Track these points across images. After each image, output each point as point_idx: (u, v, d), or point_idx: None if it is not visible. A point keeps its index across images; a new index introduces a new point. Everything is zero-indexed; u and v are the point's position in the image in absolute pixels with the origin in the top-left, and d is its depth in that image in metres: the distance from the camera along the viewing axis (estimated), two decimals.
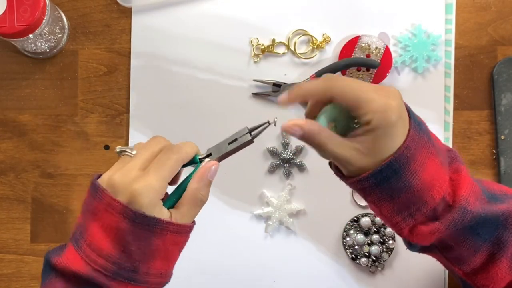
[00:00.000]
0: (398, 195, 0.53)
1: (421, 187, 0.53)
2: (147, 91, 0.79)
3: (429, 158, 0.53)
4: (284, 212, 0.78)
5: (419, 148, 0.53)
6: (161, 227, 0.52)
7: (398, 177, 0.52)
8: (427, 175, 0.53)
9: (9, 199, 0.80)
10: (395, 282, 0.79)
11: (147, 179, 0.52)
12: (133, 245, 0.52)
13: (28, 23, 0.69)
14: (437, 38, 0.78)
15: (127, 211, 0.51)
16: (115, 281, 0.52)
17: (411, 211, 0.54)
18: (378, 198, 0.54)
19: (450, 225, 0.54)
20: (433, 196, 0.53)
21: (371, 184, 0.53)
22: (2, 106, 0.80)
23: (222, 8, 0.79)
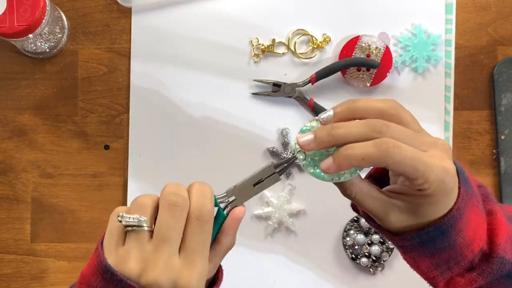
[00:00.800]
0: (440, 253, 0.50)
1: (464, 244, 0.50)
2: (147, 91, 0.79)
3: (473, 211, 0.50)
4: (284, 212, 0.78)
5: (467, 205, 0.50)
6: None
7: (444, 237, 0.49)
8: (471, 232, 0.50)
9: (9, 199, 0.80)
10: (395, 282, 0.79)
11: (196, 269, 0.45)
12: None
13: (28, 23, 0.69)
14: (437, 38, 0.78)
15: None
16: None
17: (450, 265, 0.51)
18: (418, 255, 0.51)
19: (488, 276, 0.52)
20: (473, 250, 0.50)
21: (414, 244, 0.50)
22: (2, 106, 0.80)
23: (222, 8, 0.79)
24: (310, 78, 0.77)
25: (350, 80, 0.78)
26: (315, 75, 0.77)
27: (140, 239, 0.45)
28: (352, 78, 0.78)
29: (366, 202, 0.49)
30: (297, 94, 0.77)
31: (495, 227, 0.52)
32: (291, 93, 0.78)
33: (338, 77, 0.78)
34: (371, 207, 0.49)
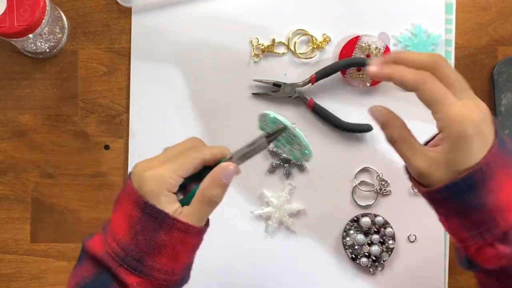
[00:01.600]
0: (470, 212, 0.52)
1: (496, 208, 0.51)
2: (147, 91, 0.79)
3: (508, 180, 0.51)
4: (284, 212, 0.78)
5: (500, 167, 0.51)
6: (169, 223, 0.53)
7: (473, 193, 0.51)
8: (504, 196, 0.51)
9: (9, 199, 0.80)
10: (395, 282, 0.79)
11: (157, 169, 0.53)
12: (140, 235, 0.53)
13: (28, 23, 0.69)
14: (437, 38, 0.78)
15: (139, 200, 0.53)
16: (122, 267, 0.53)
17: (481, 231, 0.52)
18: (449, 211, 0.53)
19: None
20: (507, 219, 0.51)
21: (444, 197, 0.52)
22: (2, 106, 0.80)
23: (222, 8, 0.79)
24: (310, 78, 0.77)
25: (350, 80, 0.78)
26: (315, 75, 0.77)
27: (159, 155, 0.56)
28: (352, 78, 0.78)
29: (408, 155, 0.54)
30: (297, 94, 0.77)
31: None
32: (291, 93, 0.77)
33: (338, 77, 0.78)
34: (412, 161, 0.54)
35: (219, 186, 0.55)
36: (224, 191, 0.55)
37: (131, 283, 0.53)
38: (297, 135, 0.57)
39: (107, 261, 0.53)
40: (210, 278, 0.79)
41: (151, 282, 0.54)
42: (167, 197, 0.53)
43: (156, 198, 0.53)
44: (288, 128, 0.56)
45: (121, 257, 0.53)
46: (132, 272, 0.53)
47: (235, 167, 0.55)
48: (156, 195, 0.53)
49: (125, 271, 0.53)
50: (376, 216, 0.78)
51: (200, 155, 0.55)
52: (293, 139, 0.58)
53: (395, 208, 0.79)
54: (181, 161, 0.54)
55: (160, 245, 0.53)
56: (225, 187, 0.55)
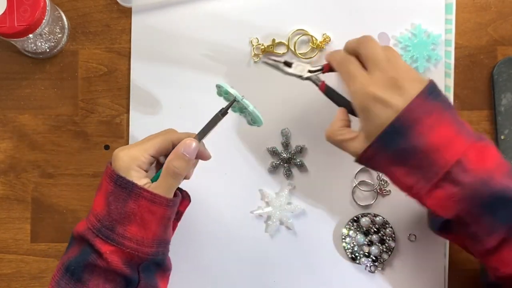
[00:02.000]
0: (406, 157, 0.57)
1: (431, 148, 0.56)
2: (147, 91, 0.79)
3: (441, 123, 0.57)
4: (284, 212, 0.78)
5: (428, 112, 0.57)
6: (136, 192, 0.59)
7: (402, 139, 0.57)
8: (437, 137, 0.56)
9: (9, 199, 0.80)
10: (395, 282, 0.79)
11: (130, 148, 0.62)
12: (112, 205, 0.60)
13: (28, 23, 0.69)
14: (437, 37, 0.78)
15: (113, 174, 0.60)
16: (98, 238, 0.60)
17: (424, 173, 0.57)
18: (388, 162, 0.59)
19: (468, 193, 0.55)
20: (445, 158, 0.56)
21: (379, 146, 0.59)
22: (2, 106, 0.80)
23: (222, 8, 0.80)
24: (323, 66, 0.71)
25: None
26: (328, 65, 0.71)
27: None
28: None
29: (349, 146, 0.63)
30: (308, 76, 0.72)
31: (485, 154, 0.57)
32: (302, 72, 0.71)
33: None
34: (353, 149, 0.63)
35: (181, 159, 0.61)
36: (186, 164, 0.62)
37: (104, 251, 0.59)
38: (246, 107, 0.64)
39: (87, 235, 0.60)
40: (210, 278, 0.79)
41: (123, 251, 0.59)
42: (138, 172, 0.61)
43: (127, 172, 0.60)
44: (238, 101, 0.64)
45: (97, 228, 0.60)
46: (106, 241, 0.60)
47: (195, 142, 0.62)
48: (127, 170, 0.60)
49: (100, 240, 0.60)
50: (376, 216, 0.78)
51: (169, 136, 0.63)
52: (245, 110, 0.65)
53: (395, 208, 0.79)
54: (151, 142, 0.62)
55: (129, 213, 0.59)
56: (187, 161, 0.62)
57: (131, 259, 0.60)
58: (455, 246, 0.79)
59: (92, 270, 0.61)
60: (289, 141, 0.79)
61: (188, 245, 0.79)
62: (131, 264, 0.61)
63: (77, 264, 0.61)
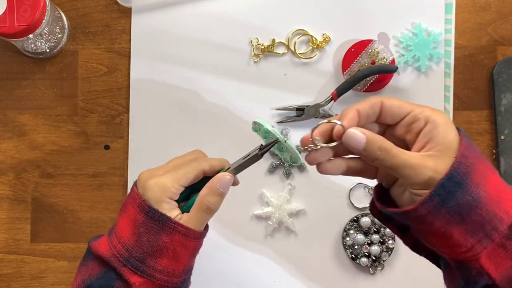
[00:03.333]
0: (468, 213, 0.48)
1: (491, 200, 0.48)
2: (147, 91, 0.79)
3: (489, 170, 0.49)
4: (284, 212, 0.78)
5: (476, 157, 0.49)
6: (170, 226, 0.57)
7: (463, 190, 0.48)
8: (492, 187, 0.48)
9: (9, 199, 0.80)
10: (395, 282, 0.79)
11: (161, 178, 0.58)
12: (144, 237, 0.57)
13: (28, 23, 0.69)
14: (438, 35, 0.78)
15: (144, 204, 0.57)
16: (126, 267, 0.57)
17: (487, 231, 0.48)
18: (446, 220, 0.48)
19: None
20: (508, 211, 0.48)
21: (436, 204, 0.48)
22: (2, 106, 0.80)
23: (222, 8, 0.80)
24: (331, 96, 0.76)
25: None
26: (336, 92, 0.76)
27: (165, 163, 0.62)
28: None
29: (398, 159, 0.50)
30: (322, 114, 0.77)
31: None
32: (316, 114, 0.77)
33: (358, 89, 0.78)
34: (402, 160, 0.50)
35: (216, 195, 0.59)
36: (220, 199, 0.59)
37: (133, 283, 0.56)
38: (288, 149, 0.64)
39: (112, 262, 0.57)
40: (210, 278, 0.79)
41: (153, 283, 0.57)
42: (169, 204, 0.57)
43: (159, 204, 0.57)
44: (280, 141, 0.62)
45: (125, 257, 0.57)
46: (135, 272, 0.56)
47: (231, 177, 0.60)
48: (159, 202, 0.57)
49: (129, 271, 0.57)
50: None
51: (200, 166, 0.59)
52: (284, 149, 0.64)
53: None
54: (182, 171, 0.58)
55: (162, 247, 0.57)
56: (221, 195, 0.59)
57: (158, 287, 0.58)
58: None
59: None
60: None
61: None
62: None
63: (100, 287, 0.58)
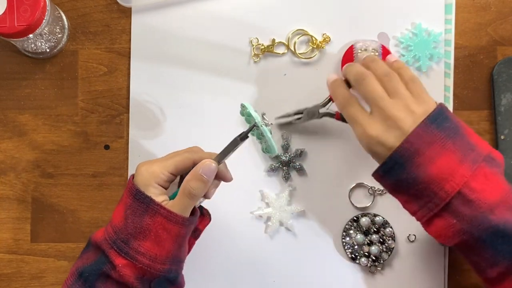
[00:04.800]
0: (408, 186, 0.59)
1: (429, 179, 0.57)
2: (147, 91, 0.79)
3: (442, 154, 0.57)
4: (284, 213, 0.78)
5: (427, 143, 0.57)
6: (153, 208, 0.59)
7: (403, 169, 0.58)
8: (436, 169, 0.57)
9: (9, 199, 0.80)
10: (395, 282, 0.79)
11: (151, 164, 0.61)
12: (129, 218, 0.60)
13: (28, 23, 0.69)
14: (438, 35, 0.78)
15: (132, 188, 0.60)
16: (112, 249, 0.60)
17: (425, 201, 0.58)
18: (392, 189, 0.62)
19: (468, 225, 0.55)
20: (444, 188, 0.57)
21: (380, 175, 0.61)
22: (2, 106, 0.80)
23: (222, 8, 0.80)
24: (329, 97, 0.73)
25: None
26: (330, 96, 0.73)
27: None
28: None
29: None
30: (322, 114, 0.75)
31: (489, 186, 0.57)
32: (316, 116, 0.75)
33: None
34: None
35: (199, 180, 0.61)
36: (203, 185, 0.61)
37: (117, 264, 0.59)
38: (264, 134, 0.62)
39: (103, 245, 0.60)
40: (210, 278, 0.79)
41: (135, 266, 0.59)
42: (156, 189, 0.60)
43: (146, 188, 0.60)
44: (257, 126, 0.62)
45: (113, 239, 0.60)
46: (119, 254, 0.59)
47: (215, 164, 0.62)
48: (146, 186, 0.60)
49: (115, 252, 0.60)
50: (376, 216, 0.78)
51: (191, 155, 0.62)
52: (262, 136, 0.64)
53: (394, 208, 0.79)
54: (172, 159, 0.62)
55: (145, 228, 0.59)
56: (204, 182, 0.61)
57: (143, 274, 0.60)
58: None
59: (105, 280, 0.60)
60: (289, 144, 0.79)
61: None
62: (143, 279, 0.60)
63: (91, 272, 0.60)
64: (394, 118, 0.59)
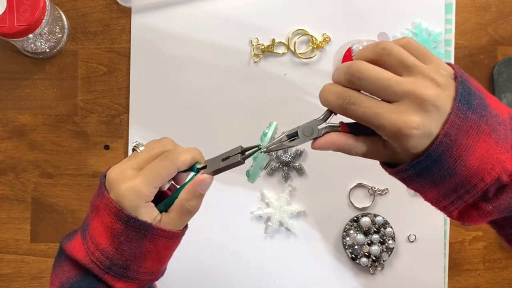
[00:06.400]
0: (442, 182, 0.50)
1: (468, 172, 0.49)
2: (147, 91, 0.79)
3: (479, 139, 0.49)
4: (284, 213, 0.78)
5: (463, 131, 0.49)
6: (152, 233, 0.55)
7: (439, 166, 0.49)
8: (475, 159, 0.49)
9: (9, 199, 0.80)
10: (395, 282, 0.79)
11: (134, 182, 0.54)
12: (125, 245, 0.55)
13: (28, 23, 0.69)
14: (438, 35, 0.78)
15: (121, 214, 0.54)
16: (108, 274, 0.55)
17: (460, 194, 0.50)
18: (420, 185, 0.51)
19: (505, 210, 0.51)
20: (483, 179, 0.49)
21: (410, 175, 0.50)
22: (2, 106, 0.80)
23: (222, 8, 0.79)
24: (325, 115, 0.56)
25: None
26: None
27: (132, 154, 0.58)
28: None
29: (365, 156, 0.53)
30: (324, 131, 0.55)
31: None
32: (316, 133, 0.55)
33: None
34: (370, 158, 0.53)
35: (197, 198, 0.56)
36: (201, 201, 0.57)
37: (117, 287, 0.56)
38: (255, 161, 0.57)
39: (93, 269, 0.55)
40: (210, 278, 0.79)
41: (137, 284, 0.57)
42: (146, 207, 0.55)
43: (136, 211, 0.54)
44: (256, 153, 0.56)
45: (107, 265, 0.55)
46: (119, 278, 0.55)
47: (212, 179, 0.57)
48: (136, 208, 0.54)
49: (112, 277, 0.55)
50: (376, 216, 0.78)
51: (173, 165, 0.56)
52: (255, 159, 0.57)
53: (394, 208, 0.79)
54: (155, 172, 0.55)
55: (145, 252, 0.55)
56: (202, 197, 0.57)
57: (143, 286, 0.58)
58: (455, 246, 0.79)
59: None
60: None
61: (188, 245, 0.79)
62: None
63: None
64: (427, 97, 0.48)
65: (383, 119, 0.49)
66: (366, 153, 0.53)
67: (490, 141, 0.49)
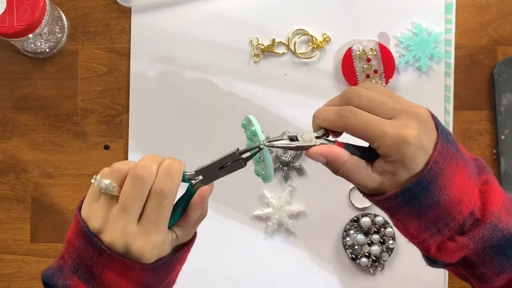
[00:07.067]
0: (426, 212, 0.51)
1: (450, 202, 0.50)
2: (147, 90, 0.79)
3: (458, 170, 0.51)
4: (284, 213, 0.78)
5: (447, 161, 0.50)
6: (174, 269, 0.55)
7: (426, 194, 0.50)
8: (456, 190, 0.51)
9: (9, 199, 0.80)
10: (395, 282, 0.79)
11: (149, 239, 0.50)
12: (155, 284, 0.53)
13: (28, 23, 0.69)
14: (438, 35, 0.78)
15: (147, 267, 0.51)
16: None
17: (439, 227, 0.51)
18: (405, 215, 0.52)
19: (479, 242, 0.52)
20: (462, 211, 0.51)
21: (399, 203, 0.51)
22: (2, 106, 0.80)
23: (222, 8, 0.79)
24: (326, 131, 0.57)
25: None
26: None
27: (108, 202, 0.50)
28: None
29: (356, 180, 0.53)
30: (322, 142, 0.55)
31: (489, 195, 0.52)
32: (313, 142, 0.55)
33: None
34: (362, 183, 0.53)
35: (203, 208, 0.54)
36: (207, 208, 0.55)
37: None
38: (265, 161, 0.54)
39: None
40: (210, 278, 0.79)
41: None
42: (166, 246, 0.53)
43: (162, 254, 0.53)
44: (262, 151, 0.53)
45: None
46: None
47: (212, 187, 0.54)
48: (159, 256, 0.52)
49: None
50: (376, 216, 0.78)
51: (171, 196, 0.51)
52: (260, 160, 0.55)
53: None
54: (164, 218, 0.51)
55: (170, 280, 0.56)
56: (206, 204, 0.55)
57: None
58: None
59: None
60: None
61: None
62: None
63: None
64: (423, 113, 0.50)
65: (384, 127, 0.50)
66: (355, 172, 0.53)
67: (466, 174, 0.52)
